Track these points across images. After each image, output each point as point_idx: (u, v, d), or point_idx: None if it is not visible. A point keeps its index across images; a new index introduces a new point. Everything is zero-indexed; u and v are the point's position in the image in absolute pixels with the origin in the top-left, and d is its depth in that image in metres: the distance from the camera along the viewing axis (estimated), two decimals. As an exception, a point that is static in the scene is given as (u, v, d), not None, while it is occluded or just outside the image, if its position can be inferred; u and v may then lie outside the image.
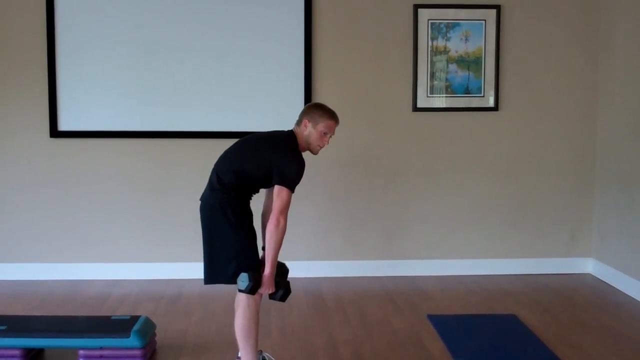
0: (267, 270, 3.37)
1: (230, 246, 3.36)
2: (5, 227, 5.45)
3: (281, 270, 3.55)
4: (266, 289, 3.38)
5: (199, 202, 3.50)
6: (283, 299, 3.50)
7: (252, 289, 3.32)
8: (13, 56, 5.36)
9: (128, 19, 5.35)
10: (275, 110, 5.38)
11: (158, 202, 5.48)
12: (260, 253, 3.51)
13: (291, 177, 3.37)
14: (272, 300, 3.51)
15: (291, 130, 3.55)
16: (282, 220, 3.33)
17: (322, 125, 3.48)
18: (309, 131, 3.48)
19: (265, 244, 3.42)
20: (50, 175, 5.44)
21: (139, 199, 5.48)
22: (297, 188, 3.42)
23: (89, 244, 5.47)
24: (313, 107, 3.60)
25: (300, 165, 3.42)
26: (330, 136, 3.53)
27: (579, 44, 5.61)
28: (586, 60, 5.62)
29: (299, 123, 3.54)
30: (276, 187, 3.36)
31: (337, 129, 3.58)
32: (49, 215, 5.45)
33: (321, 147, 3.54)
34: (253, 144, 3.53)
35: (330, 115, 3.52)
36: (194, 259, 3.49)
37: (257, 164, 3.43)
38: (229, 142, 5.21)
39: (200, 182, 3.66)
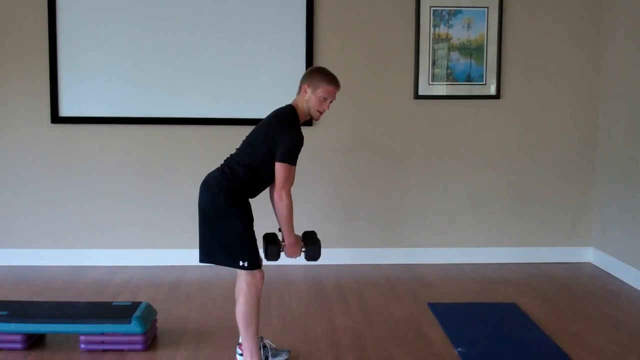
0: (287, 241, 3.44)
1: (230, 232, 3.36)
2: (6, 213, 5.45)
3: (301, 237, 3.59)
4: (292, 256, 3.49)
5: (203, 180, 3.47)
6: (314, 256, 3.51)
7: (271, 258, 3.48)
8: (14, 42, 5.34)
9: (130, 6, 5.33)
10: (275, 97, 5.23)
11: (159, 188, 5.49)
12: (279, 235, 3.54)
13: (287, 151, 3.33)
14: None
15: (289, 105, 3.51)
16: (284, 196, 3.35)
17: (321, 91, 3.42)
18: (309, 96, 3.43)
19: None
20: (51, 161, 5.44)
21: (139, 185, 5.48)
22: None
23: (90, 230, 5.47)
24: (314, 72, 3.53)
25: (296, 138, 3.38)
26: (331, 101, 3.48)
27: (581, 32, 5.59)
28: (589, 48, 5.60)
29: (299, 90, 3.49)
30: (275, 165, 3.34)
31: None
32: (50, 201, 5.45)
33: (321, 113, 3.49)
34: (262, 125, 3.50)
35: (330, 79, 3.45)
36: (195, 245, 3.48)
37: (265, 145, 3.38)
38: (229, 129, 5.34)
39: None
